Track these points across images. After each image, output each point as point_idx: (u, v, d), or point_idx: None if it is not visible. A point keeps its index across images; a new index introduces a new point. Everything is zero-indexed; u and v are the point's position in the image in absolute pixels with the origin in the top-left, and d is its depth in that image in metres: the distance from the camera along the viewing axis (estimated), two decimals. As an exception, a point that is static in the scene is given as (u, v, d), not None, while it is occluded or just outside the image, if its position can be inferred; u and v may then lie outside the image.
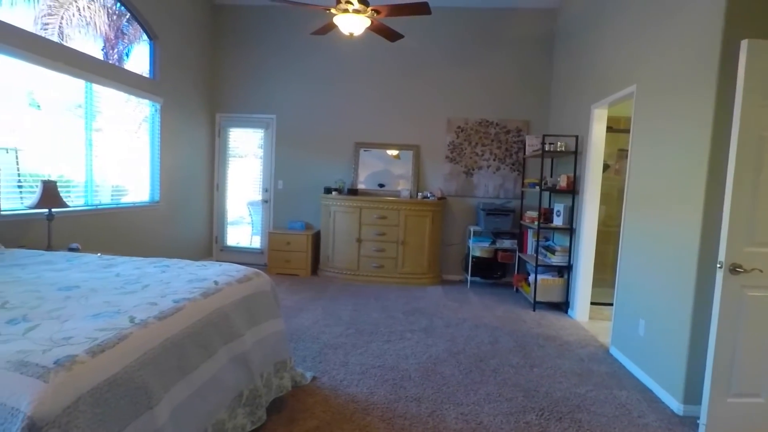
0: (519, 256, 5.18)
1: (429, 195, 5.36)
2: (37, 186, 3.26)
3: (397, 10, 3.51)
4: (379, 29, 3.83)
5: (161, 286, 1.90)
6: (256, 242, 6.20)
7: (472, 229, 5.28)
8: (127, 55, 4.68)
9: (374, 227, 5.23)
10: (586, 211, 4.12)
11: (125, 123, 4.45)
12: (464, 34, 5.51)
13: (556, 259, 4.43)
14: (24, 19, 3.38)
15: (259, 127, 5.92)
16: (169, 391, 1.42)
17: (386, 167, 5.73)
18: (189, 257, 5.16)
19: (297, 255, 5.43)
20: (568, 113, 4.77)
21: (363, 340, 3.40)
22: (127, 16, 4.60)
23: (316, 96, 5.73)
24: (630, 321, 3.16)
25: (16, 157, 3.29)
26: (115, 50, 4.66)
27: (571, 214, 4.39)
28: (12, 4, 3.18)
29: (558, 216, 4.47)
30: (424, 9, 3.43)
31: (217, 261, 4.02)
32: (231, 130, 6.00)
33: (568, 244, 4.46)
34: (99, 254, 2.59)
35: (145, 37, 4.74)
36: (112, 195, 4.34)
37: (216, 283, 2.00)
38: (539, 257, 4.50)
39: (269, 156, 5.90)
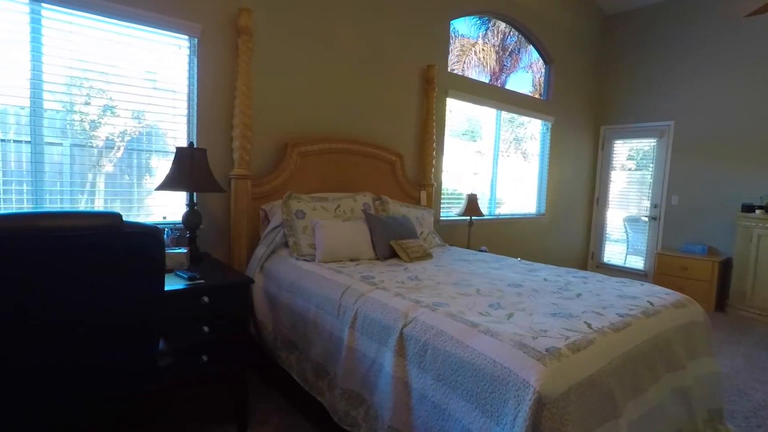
0: None
1: None
2: (458, 199, 4.10)
3: None
4: None
5: (594, 298, 1.95)
6: (633, 262, 5.65)
7: None
8: (504, 84, 5.24)
9: (832, 262, 3.74)
10: None
11: (513, 142, 4.97)
12: None
13: None
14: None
15: (650, 136, 5.36)
16: (626, 406, 1.43)
17: None
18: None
19: (695, 284, 4.56)
20: None
21: (828, 416, 2.45)
22: (509, 51, 5.24)
23: (732, 93, 4.64)
24: None
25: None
26: (498, 81, 5.36)
27: None
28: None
29: None
30: None
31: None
32: (615, 142, 5.71)
33: None
34: (519, 258, 2.97)
35: (526, 62, 5.20)
36: (489, 206, 4.81)
37: (651, 303, 1.89)
38: None
39: (661, 168, 5.24)
